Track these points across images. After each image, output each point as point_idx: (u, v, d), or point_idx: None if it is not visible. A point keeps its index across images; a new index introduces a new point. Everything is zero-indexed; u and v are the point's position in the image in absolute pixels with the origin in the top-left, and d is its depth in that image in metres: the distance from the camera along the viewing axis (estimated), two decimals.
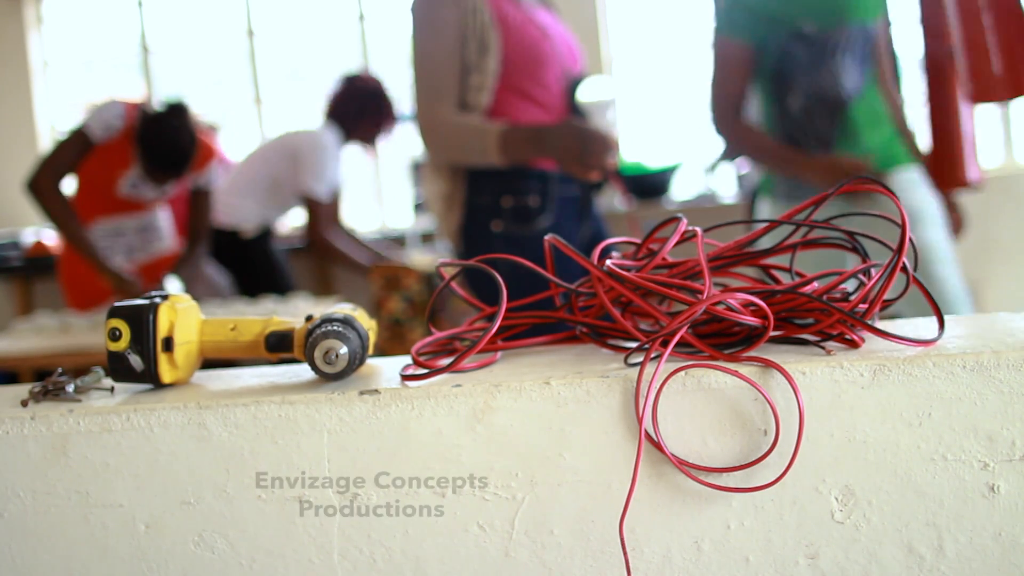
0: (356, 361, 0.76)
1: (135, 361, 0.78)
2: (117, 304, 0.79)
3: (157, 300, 0.79)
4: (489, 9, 1.74)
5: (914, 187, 2.08)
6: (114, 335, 0.78)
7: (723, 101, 2.12)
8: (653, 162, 4.47)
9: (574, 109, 1.83)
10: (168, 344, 0.79)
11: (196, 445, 0.73)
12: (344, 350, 0.74)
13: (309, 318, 0.81)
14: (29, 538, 0.74)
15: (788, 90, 2.08)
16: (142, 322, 0.78)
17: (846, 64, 2.03)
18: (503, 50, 1.75)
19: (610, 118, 1.83)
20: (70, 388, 0.79)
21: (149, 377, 0.79)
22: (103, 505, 0.74)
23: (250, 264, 3.61)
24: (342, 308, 0.81)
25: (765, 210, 2.22)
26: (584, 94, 1.81)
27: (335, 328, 0.76)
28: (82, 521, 0.74)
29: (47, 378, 0.81)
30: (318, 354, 0.74)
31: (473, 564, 0.72)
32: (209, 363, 0.89)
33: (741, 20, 2.09)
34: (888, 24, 2.20)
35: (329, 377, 0.75)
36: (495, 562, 0.72)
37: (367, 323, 0.83)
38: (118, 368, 0.79)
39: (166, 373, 0.79)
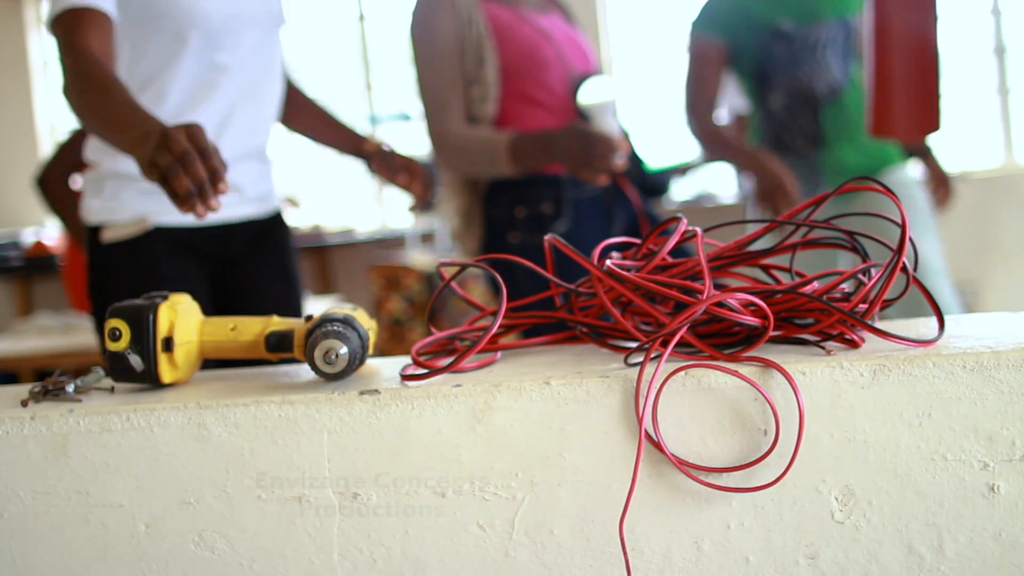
0: (356, 361, 0.76)
1: (135, 361, 0.78)
2: (117, 304, 0.79)
3: (157, 300, 0.79)
4: (483, 19, 1.74)
5: (908, 190, 2.07)
6: (114, 335, 0.78)
7: (697, 99, 2.12)
8: (653, 162, 4.47)
9: (580, 111, 1.83)
10: (168, 344, 0.79)
11: (196, 445, 0.73)
12: (344, 350, 0.74)
13: (309, 318, 0.81)
14: (29, 538, 0.74)
15: (769, 90, 2.08)
16: (142, 322, 0.78)
17: (827, 61, 2.03)
18: (500, 58, 1.75)
19: (614, 119, 1.82)
20: (70, 388, 0.79)
21: (149, 377, 0.79)
22: (103, 505, 0.74)
23: None
24: (342, 308, 0.81)
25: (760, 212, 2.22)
26: (585, 96, 1.80)
27: (335, 328, 0.76)
28: (82, 521, 0.74)
29: (47, 378, 0.81)
30: (318, 354, 0.74)
31: (473, 564, 0.72)
32: (209, 363, 0.89)
33: (717, 17, 2.10)
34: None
35: (329, 377, 0.75)
36: (495, 562, 0.72)
37: (367, 323, 0.83)
38: (118, 368, 0.79)
39: (166, 373, 0.79)
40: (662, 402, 0.69)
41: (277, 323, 0.82)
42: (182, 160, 0.93)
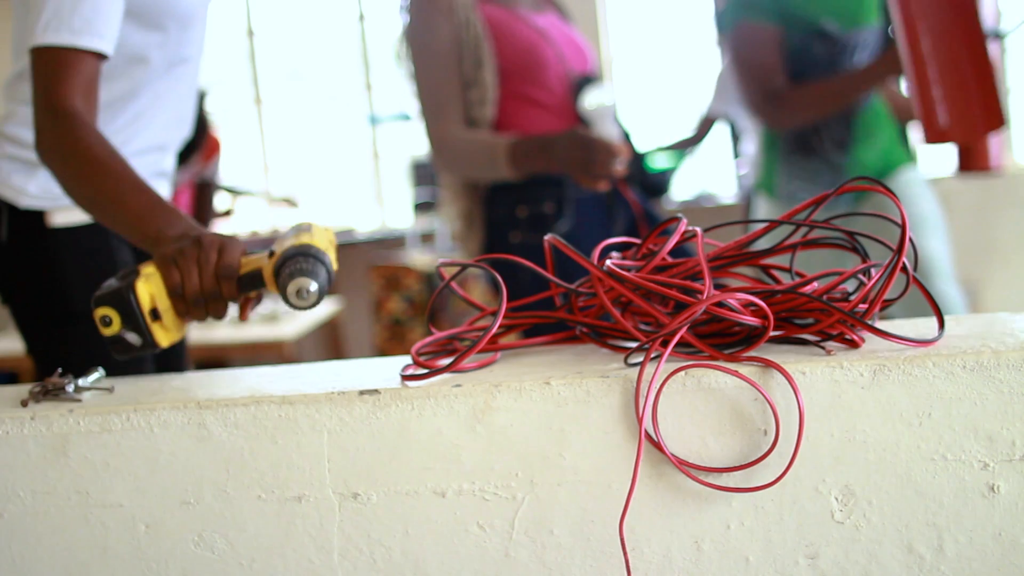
0: (326, 290, 0.83)
1: (132, 338, 0.83)
2: (97, 293, 0.83)
3: (131, 278, 0.84)
4: (480, 21, 1.74)
5: (918, 189, 2.07)
6: (105, 322, 0.83)
7: (766, 76, 2.04)
8: (653, 162, 4.48)
9: (580, 116, 1.83)
10: (156, 314, 0.84)
11: (196, 445, 0.73)
12: (314, 287, 0.81)
13: (271, 253, 0.85)
14: (29, 538, 0.74)
15: None
16: (126, 302, 0.82)
17: (861, 64, 2.03)
18: (498, 60, 1.75)
19: (614, 124, 1.82)
20: (70, 388, 0.79)
21: (149, 347, 0.84)
22: (103, 505, 0.74)
23: None
24: (297, 234, 0.86)
25: (762, 207, 2.21)
26: (585, 101, 1.80)
27: (302, 266, 0.82)
28: (82, 521, 0.74)
29: (47, 378, 0.81)
30: (291, 291, 0.81)
31: (473, 564, 0.72)
32: (208, 363, 0.89)
33: (766, 6, 2.07)
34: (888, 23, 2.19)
35: (303, 309, 0.82)
36: (495, 562, 0.72)
37: (325, 238, 0.88)
38: (119, 349, 0.84)
39: (162, 338, 0.85)
40: (662, 402, 0.69)
41: (243, 263, 0.86)
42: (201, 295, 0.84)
